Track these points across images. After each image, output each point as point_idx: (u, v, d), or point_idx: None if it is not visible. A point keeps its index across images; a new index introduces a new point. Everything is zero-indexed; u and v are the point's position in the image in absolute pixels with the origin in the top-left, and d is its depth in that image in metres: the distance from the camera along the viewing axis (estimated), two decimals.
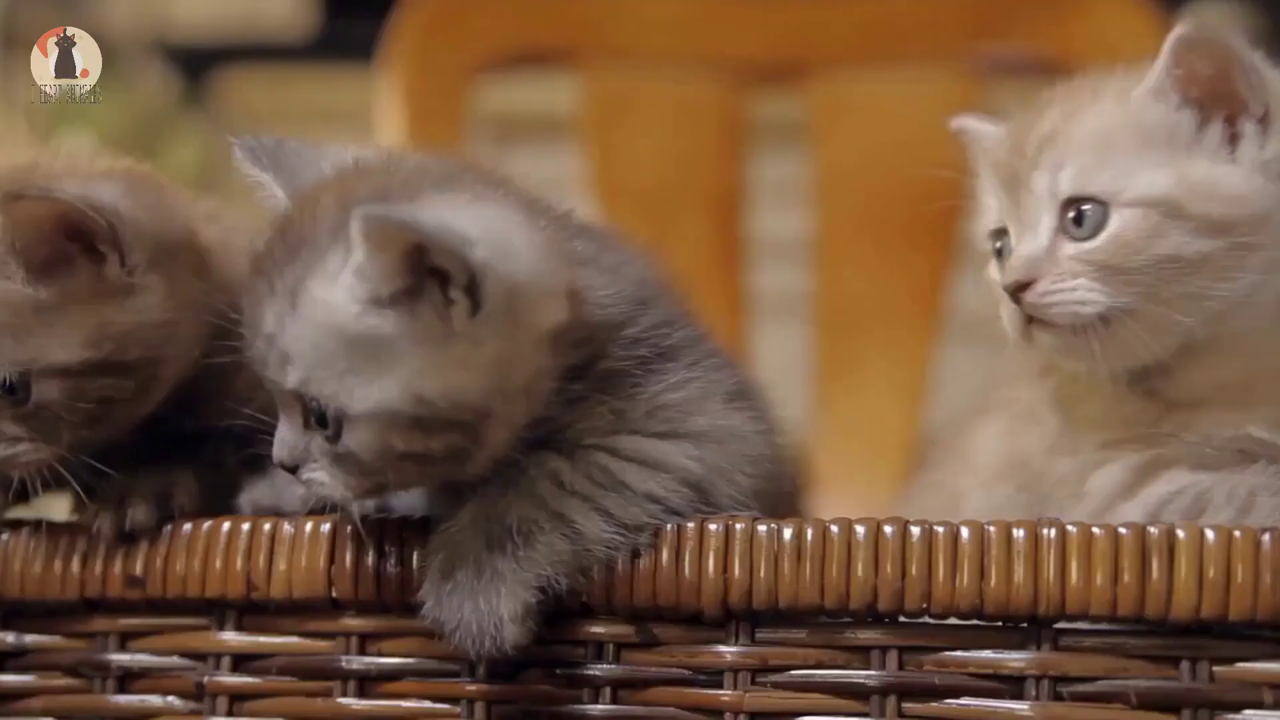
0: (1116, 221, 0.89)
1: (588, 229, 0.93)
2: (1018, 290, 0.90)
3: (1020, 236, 0.93)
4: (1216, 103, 0.90)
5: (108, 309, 0.91)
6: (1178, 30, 0.89)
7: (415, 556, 0.84)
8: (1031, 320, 0.91)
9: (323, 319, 0.80)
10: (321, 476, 0.83)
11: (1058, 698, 0.79)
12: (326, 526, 0.86)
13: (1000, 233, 0.96)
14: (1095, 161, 0.91)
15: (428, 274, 0.79)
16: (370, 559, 0.85)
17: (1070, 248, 0.90)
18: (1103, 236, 0.89)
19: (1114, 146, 0.91)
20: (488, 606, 0.80)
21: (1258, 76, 0.90)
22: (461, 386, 0.80)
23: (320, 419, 0.82)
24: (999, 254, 0.96)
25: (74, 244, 0.90)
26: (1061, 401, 0.95)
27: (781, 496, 0.92)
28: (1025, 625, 0.79)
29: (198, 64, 2.84)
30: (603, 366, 0.86)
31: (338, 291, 0.80)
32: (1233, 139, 0.90)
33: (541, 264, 0.83)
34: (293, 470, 0.84)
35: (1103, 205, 0.90)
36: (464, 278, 0.79)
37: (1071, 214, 0.91)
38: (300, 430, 0.83)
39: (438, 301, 0.80)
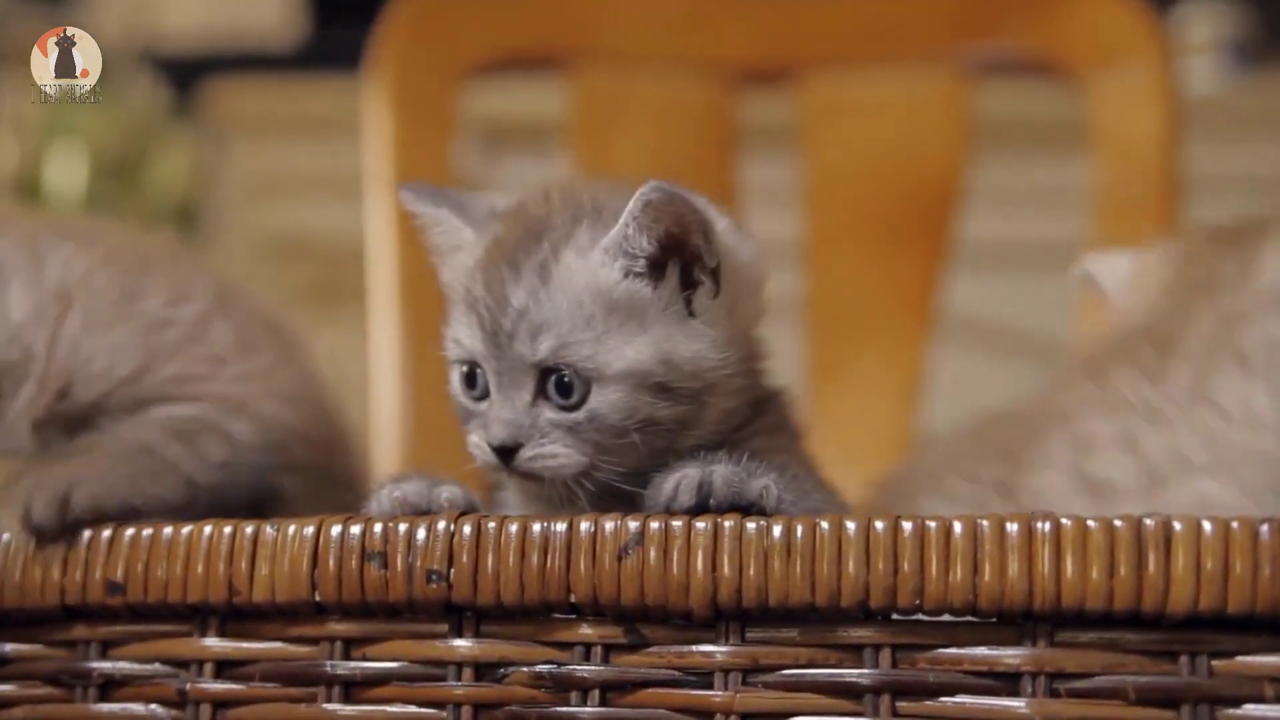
0: None
1: None
2: None
3: None
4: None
5: None
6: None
7: (399, 559, 0.83)
8: None
9: (583, 285, 0.89)
10: (555, 449, 0.88)
11: (1054, 694, 0.77)
12: (309, 529, 0.85)
13: None
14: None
15: (673, 253, 0.89)
16: (354, 562, 0.84)
17: None
18: None
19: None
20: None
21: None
22: (702, 355, 0.90)
23: (562, 388, 0.88)
24: None
25: None
26: None
27: None
28: (1020, 621, 0.78)
29: (186, 74, 2.84)
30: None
31: (594, 262, 0.90)
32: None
33: (756, 260, 0.95)
34: (513, 451, 0.89)
35: None
36: (713, 261, 0.90)
37: None
38: (526, 408, 0.89)
39: (677, 279, 0.90)
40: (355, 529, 0.84)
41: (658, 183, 0.88)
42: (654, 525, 0.81)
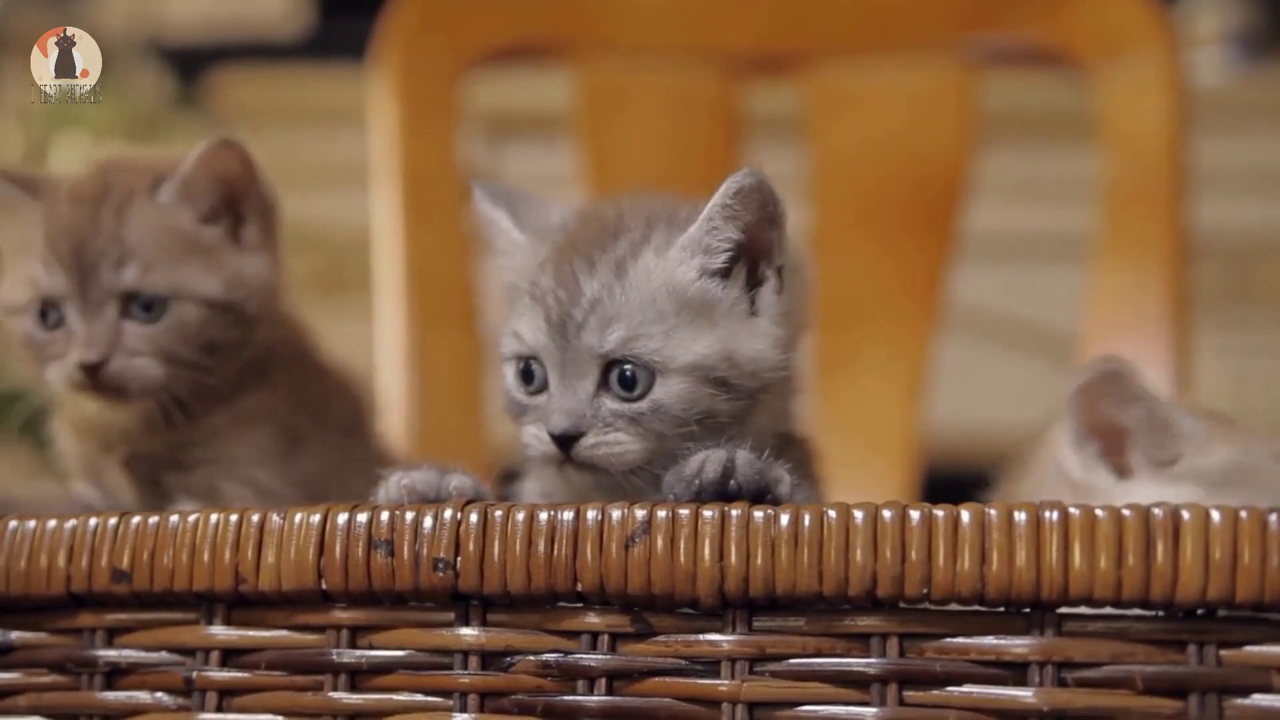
0: None
1: None
2: None
3: None
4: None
5: (241, 262, 1.07)
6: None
7: (406, 547, 0.83)
8: None
9: (659, 284, 0.92)
10: (618, 436, 0.91)
11: (1062, 684, 0.77)
12: (316, 517, 0.85)
13: None
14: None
15: (746, 247, 0.92)
16: (360, 550, 0.84)
17: None
18: None
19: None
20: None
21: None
22: (763, 354, 0.93)
23: (625, 381, 0.91)
24: None
25: (221, 200, 1.06)
26: None
27: None
28: (1028, 610, 0.78)
29: (191, 64, 2.84)
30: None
31: (671, 261, 0.93)
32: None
33: (806, 266, 0.97)
34: (574, 440, 0.90)
35: None
36: (780, 259, 0.93)
37: None
38: (589, 398, 0.91)
39: (744, 280, 0.93)
40: (362, 517, 0.84)
41: (751, 169, 0.91)
42: (661, 514, 0.81)
